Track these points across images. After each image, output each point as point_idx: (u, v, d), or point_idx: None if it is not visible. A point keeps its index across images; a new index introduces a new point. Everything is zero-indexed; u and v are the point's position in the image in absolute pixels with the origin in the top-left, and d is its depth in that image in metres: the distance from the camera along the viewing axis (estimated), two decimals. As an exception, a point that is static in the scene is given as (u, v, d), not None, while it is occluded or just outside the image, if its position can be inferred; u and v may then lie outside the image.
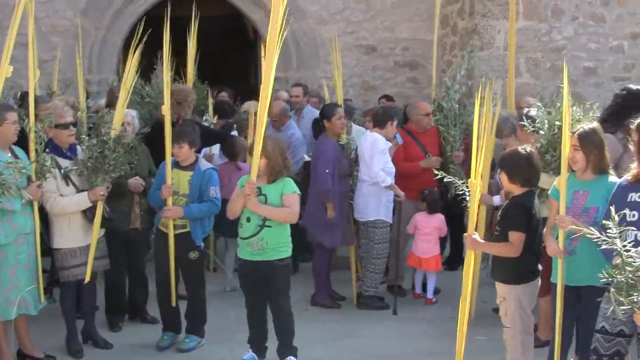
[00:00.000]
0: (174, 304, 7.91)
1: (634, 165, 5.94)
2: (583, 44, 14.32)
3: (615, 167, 6.51)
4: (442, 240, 10.07)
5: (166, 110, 7.67)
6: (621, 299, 4.48)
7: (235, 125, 10.57)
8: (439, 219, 9.70)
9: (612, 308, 4.62)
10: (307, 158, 10.34)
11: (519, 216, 6.40)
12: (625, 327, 5.70)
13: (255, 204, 7.12)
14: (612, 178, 6.19)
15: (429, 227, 9.63)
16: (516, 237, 6.36)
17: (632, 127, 5.93)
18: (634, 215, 5.47)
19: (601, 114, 7.47)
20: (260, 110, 6.99)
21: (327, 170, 9.16)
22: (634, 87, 7.57)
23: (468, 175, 6.49)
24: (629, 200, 5.69)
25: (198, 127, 8.26)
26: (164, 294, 7.90)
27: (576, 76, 13.49)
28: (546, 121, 7.65)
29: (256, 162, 7.04)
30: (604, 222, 4.80)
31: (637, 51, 14.55)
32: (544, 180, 7.11)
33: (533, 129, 7.73)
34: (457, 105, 10.19)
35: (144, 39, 8.33)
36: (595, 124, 6.45)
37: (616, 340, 5.75)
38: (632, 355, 6.18)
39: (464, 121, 10.12)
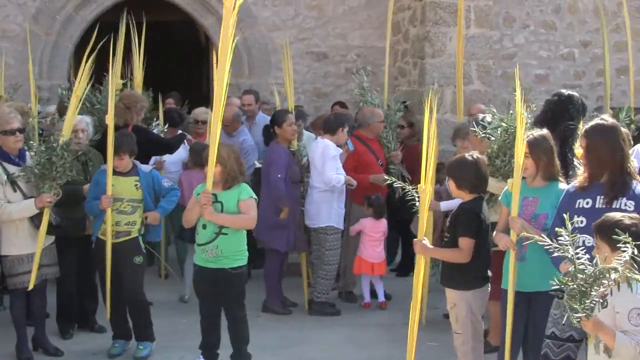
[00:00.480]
0: (109, 317, 7.85)
1: (580, 171, 5.98)
2: (534, 52, 14.45)
3: None
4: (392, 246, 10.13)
5: (110, 119, 7.58)
6: (575, 306, 4.50)
7: (187, 136, 10.52)
8: (384, 224, 9.74)
9: (566, 316, 4.65)
10: (257, 165, 10.30)
11: (468, 222, 6.43)
12: (574, 333, 5.74)
13: (212, 213, 7.08)
14: (562, 185, 6.22)
15: (377, 232, 9.67)
16: (465, 243, 6.38)
17: (581, 133, 5.95)
18: (582, 222, 5.50)
19: (535, 119, 7.51)
20: (214, 118, 6.95)
21: (280, 176, 9.16)
22: (564, 92, 7.62)
23: (410, 173, 6.58)
24: (577, 206, 5.72)
25: (145, 135, 8.22)
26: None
27: (527, 83, 13.49)
28: (499, 128, 7.71)
29: (211, 170, 7.00)
30: (556, 229, 4.82)
31: (588, 59, 14.71)
32: (493, 185, 7.15)
33: (484, 134, 7.78)
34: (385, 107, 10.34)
35: (98, 46, 8.26)
36: (545, 131, 6.48)
37: (566, 346, 5.79)
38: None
39: (393, 121, 10.33)
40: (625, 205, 5.57)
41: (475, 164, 6.50)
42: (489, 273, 6.66)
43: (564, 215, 4.98)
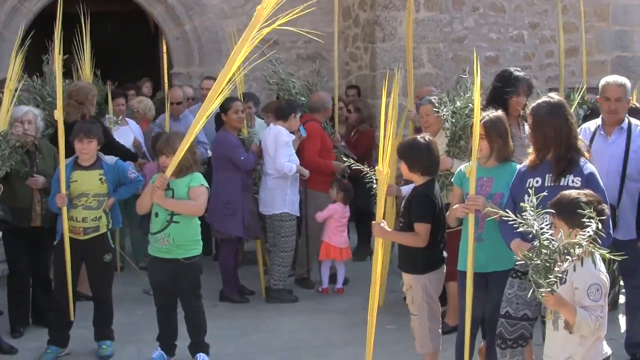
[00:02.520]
0: (72, 318, 7.63)
1: (530, 150, 6.00)
2: (484, 34, 14.52)
3: None
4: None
5: (59, 114, 7.42)
6: (540, 281, 4.51)
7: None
8: (349, 209, 9.78)
9: (530, 290, 4.66)
10: (208, 154, 10.23)
11: (423, 207, 6.41)
12: (528, 311, 5.78)
13: (161, 197, 7.01)
14: (516, 165, 6.22)
15: (344, 217, 9.72)
16: (422, 228, 6.37)
17: (527, 110, 5.97)
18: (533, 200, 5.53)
19: (486, 98, 7.53)
20: (202, 112, 6.89)
21: (242, 158, 9.17)
22: (509, 69, 7.65)
23: (365, 159, 6.59)
24: (528, 185, 5.74)
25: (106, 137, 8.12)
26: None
27: (479, 65, 13.63)
28: (465, 108, 7.72)
29: (177, 157, 6.92)
30: (521, 204, 4.83)
31: (537, 40, 14.81)
32: (458, 166, 7.15)
33: (443, 115, 7.81)
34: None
35: (52, 36, 8.12)
36: (499, 112, 6.48)
37: (520, 324, 5.83)
38: (535, 338, 6.29)
39: None
40: (573, 182, 5.62)
41: (427, 146, 6.49)
42: (445, 254, 6.67)
43: (529, 190, 5.01)
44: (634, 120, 7.39)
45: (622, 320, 7.84)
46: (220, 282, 9.50)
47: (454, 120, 7.81)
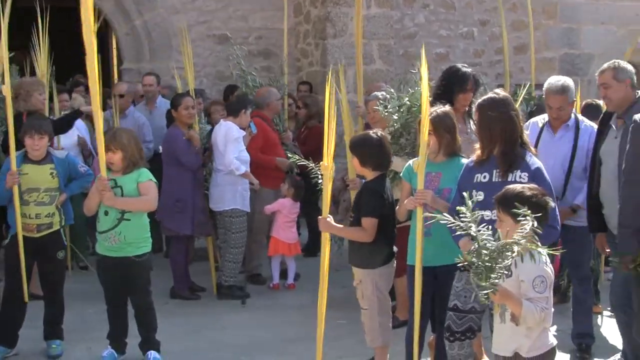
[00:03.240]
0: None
1: (477, 145, 6.04)
2: (435, 31, 14.58)
3: None
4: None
5: (7, 96, 7.35)
6: (482, 283, 4.55)
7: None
8: (299, 205, 9.81)
9: (473, 294, 4.71)
10: (160, 150, 10.19)
11: (371, 202, 6.45)
12: (476, 304, 5.82)
13: (111, 198, 6.95)
14: (463, 160, 6.26)
15: (293, 213, 9.75)
16: (369, 223, 6.41)
17: (474, 106, 6.01)
18: (480, 195, 5.58)
19: (433, 95, 7.57)
20: (94, 106, 6.89)
21: (187, 155, 9.20)
22: (456, 65, 7.69)
23: (316, 155, 6.62)
24: (475, 181, 5.79)
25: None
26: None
27: (428, 62, 13.60)
28: (402, 106, 7.75)
29: (102, 157, 6.91)
30: (457, 208, 4.86)
31: (486, 37, 14.91)
32: (398, 163, 7.19)
33: (386, 112, 7.82)
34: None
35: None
36: (447, 108, 6.53)
37: (468, 317, 5.88)
38: (484, 330, 6.36)
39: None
40: (520, 177, 5.66)
41: (379, 141, 6.53)
42: (395, 249, 6.71)
43: (464, 193, 5.06)
44: (582, 118, 7.50)
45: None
46: (170, 279, 9.48)
47: (396, 117, 7.82)
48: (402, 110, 7.79)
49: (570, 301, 8.04)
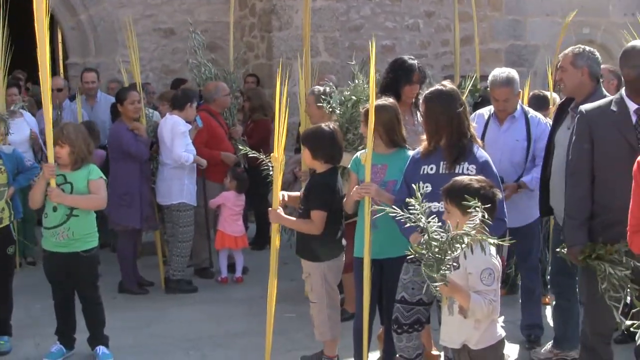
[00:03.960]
0: None
1: (424, 137, 6.04)
2: (380, 23, 14.62)
3: None
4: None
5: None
6: (433, 275, 4.57)
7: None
8: (244, 198, 9.79)
9: (425, 286, 4.74)
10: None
11: (320, 195, 6.47)
12: (423, 296, 5.84)
13: (60, 195, 6.88)
14: (410, 152, 6.25)
15: (238, 205, 9.71)
16: (317, 216, 6.42)
17: (420, 98, 6.01)
18: (427, 187, 5.57)
19: (379, 87, 7.56)
20: (44, 99, 6.82)
21: (134, 147, 9.13)
22: (402, 57, 7.65)
23: (260, 147, 6.63)
24: (422, 172, 5.79)
25: None
26: None
27: (375, 54, 13.70)
28: (349, 101, 7.74)
29: (50, 147, 6.85)
30: (407, 200, 4.87)
31: (432, 29, 14.98)
32: (347, 159, 7.19)
33: (329, 108, 7.81)
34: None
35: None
36: (385, 101, 6.48)
37: (416, 309, 5.90)
38: (433, 322, 6.39)
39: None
40: (468, 169, 5.69)
41: (332, 134, 6.54)
42: (344, 243, 6.72)
43: (412, 185, 5.06)
44: (528, 109, 7.54)
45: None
46: (118, 273, 9.42)
47: (340, 112, 7.78)
48: (347, 104, 7.78)
49: (518, 292, 8.11)
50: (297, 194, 6.81)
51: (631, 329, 4.99)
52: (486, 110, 7.52)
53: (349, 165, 6.65)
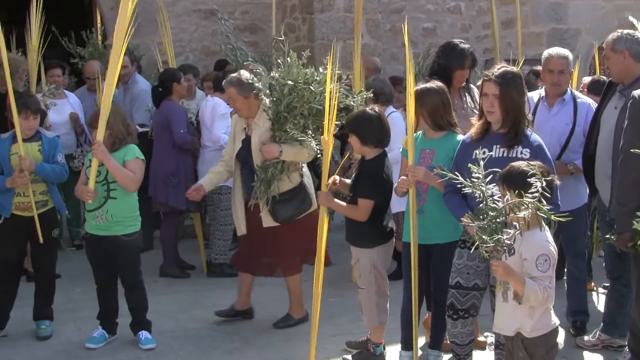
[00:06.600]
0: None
1: (474, 120, 5.98)
2: (421, 5, 14.47)
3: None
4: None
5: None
6: (484, 237, 4.52)
7: None
8: None
9: (473, 248, 4.67)
10: (140, 129, 10.03)
11: (368, 184, 6.42)
12: (479, 281, 5.77)
13: (104, 152, 6.76)
14: (459, 136, 6.16)
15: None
16: (363, 204, 6.38)
17: (485, 79, 5.84)
18: (485, 154, 5.46)
19: (429, 71, 7.45)
20: (108, 81, 6.72)
21: (182, 131, 9.14)
22: (454, 41, 7.50)
23: None
24: (474, 157, 5.68)
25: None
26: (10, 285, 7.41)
27: (416, 37, 13.61)
28: (285, 87, 7.20)
29: (102, 129, 6.79)
30: (469, 165, 4.81)
31: (474, 12, 14.82)
32: (288, 152, 7.14)
33: (260, 93, 7.30)
34: None
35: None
36: (434, 84, 6.38)
37: (471, 294, 5.80)
38: (485, 308, 6.30)
39: None
40: (522, 153, 5.59)
41: (377, 116, 6.47)
42: (393, 227, 6.65)
43: (476, 151, 4.99)
44: (577, 93, 7.45)
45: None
46: (159, 257, 9.39)
47: (274, 99, 7.24)
48: (282, 90, 7.18)
49: (563, 278, 8.00)
50: (349, 181, 6.73)
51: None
52: (536, 94, 7.42)
53: (400, 150, 6.53)
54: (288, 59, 7.16)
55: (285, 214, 7.29)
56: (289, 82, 7.07)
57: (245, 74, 7.46)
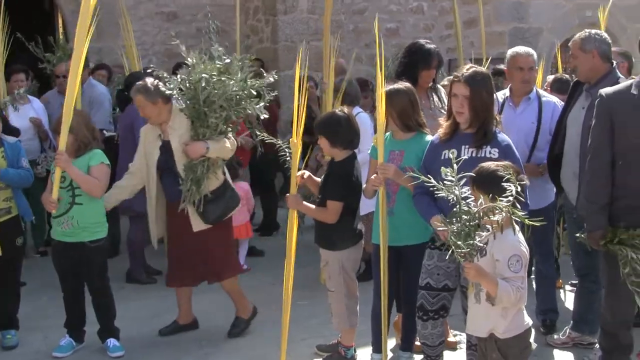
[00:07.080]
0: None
1: (441, 121, 5.97)
2: (384, 6, 14.53)
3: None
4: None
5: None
6: (459, 242, 4.52)
7: None
8: (244, 186, 9.58)
9: (448, 253, 4.67)
10: (107, 134, 9.92)
11: (338, 185, 6.38)
12: (449, 282, 5.78)
13: (67, 161, 6.67)
14: (428, 137, 6.16)
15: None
16: (332, 206, 6.35)
17: (455, 80, 5.85)
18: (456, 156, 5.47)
19: (395, 71, 7.46)
20: (70, 86, 6.62)
21: None
22: (420, 42, 7.48)
23: (268, 133, 6.58)
24: (443, 157, 5.69)
25: None
26: None
27: (379, 37, 13.61)
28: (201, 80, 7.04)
29: (64, 137, 6.67)
30: (442, 169, 4.80)
31: (436, 12, 14.90)
32: (215, 148, 7.06)
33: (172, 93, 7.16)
34: None
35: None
36: (402, 85, 6.39)
37: (441, 295, 5.81)
38: (455, 308, 6.30)
39: None
40: (490, 153, 5.59)
41: (346, 118, 6.43)
42: (362, 229, 6.63)
43: (451, 154, 4.98)
44: (542, 92, 7.51)
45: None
46: (125, 263, 9.31)
47: (187, 100, 7.09)
48: (195, 87, 6.98)
49: (531, 277, 8.04)
50: (319, 179, 6.70)
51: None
52: (501, 94, 7.43)
53: (368, 152, 6.52)
54: (193, 60, 6.98)
55: (214, 214, 7.17)
56: (204, 76, 6.91)
57: (150, 80, 7.27)
